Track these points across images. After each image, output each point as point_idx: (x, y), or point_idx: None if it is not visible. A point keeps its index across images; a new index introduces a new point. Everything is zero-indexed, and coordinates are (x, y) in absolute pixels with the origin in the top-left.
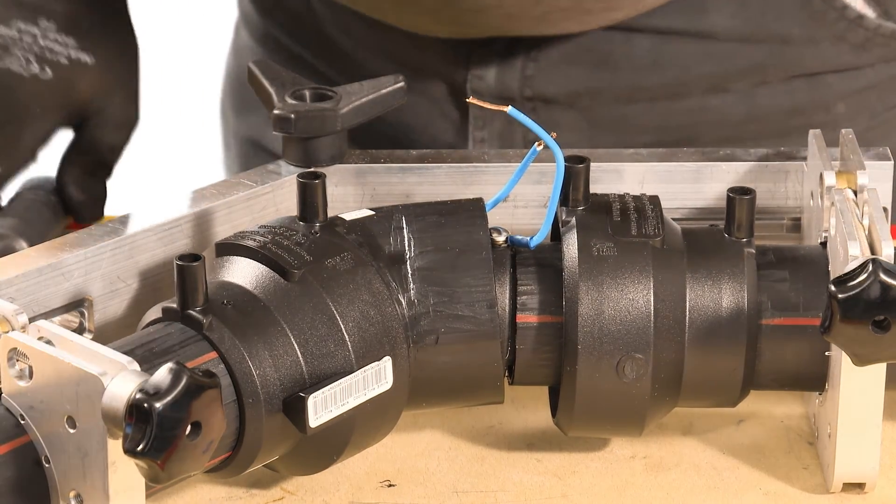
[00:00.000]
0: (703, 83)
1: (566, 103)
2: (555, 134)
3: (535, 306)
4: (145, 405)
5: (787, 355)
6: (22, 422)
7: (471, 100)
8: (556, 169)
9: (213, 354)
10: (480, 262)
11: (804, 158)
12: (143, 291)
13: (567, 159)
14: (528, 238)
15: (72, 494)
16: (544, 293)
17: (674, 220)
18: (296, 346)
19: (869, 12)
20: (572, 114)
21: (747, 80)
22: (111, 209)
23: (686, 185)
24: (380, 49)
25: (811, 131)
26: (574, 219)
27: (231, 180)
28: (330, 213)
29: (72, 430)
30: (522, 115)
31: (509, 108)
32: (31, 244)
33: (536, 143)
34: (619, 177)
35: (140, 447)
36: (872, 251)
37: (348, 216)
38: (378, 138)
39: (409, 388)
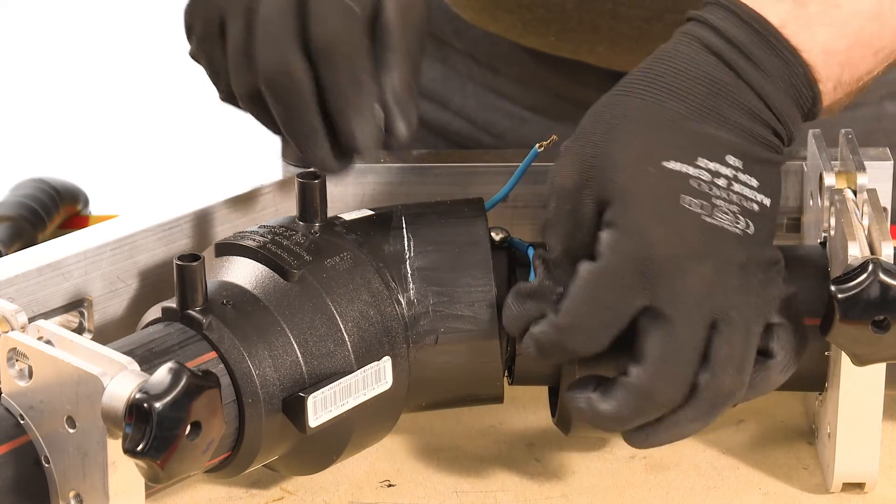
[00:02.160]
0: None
1: None
2: (555, 136)
3: None
4: (145, 405)
5: None
6: (21, 422)
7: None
8: None
9: (213, 354)
10: (480, 261)
11: (804, 158)
12: (142, 291)
13: None
14: (528, 244)
15: (71, 494)
16: None
17: None
18: (295, 346)
19: None
20: None
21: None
22: (111, 209)
23: None
24: (530, 78)
25: (811, 131)
26: None
27: (231, 180)
28: (329, 213)
29: (71, 430)
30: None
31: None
32: (35, 228)
33: (538, 145)
34: None
35: (140, 447)
36: (872, 251)
37: (348, 216)
38: None
39: (409, 388)
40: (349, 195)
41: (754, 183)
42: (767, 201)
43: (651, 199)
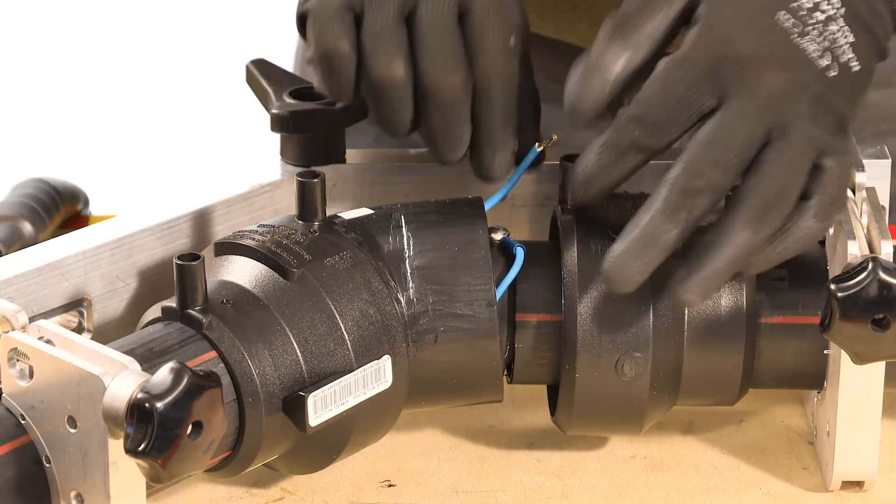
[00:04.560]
0: None
1: None
2: (555, 136)
3: (534, 305)
4: (147, 405)
5: (786, 354)
6: (22, 422)
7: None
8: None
9: (213, 354)
10: (479, 260)
11: None
12: (141, 291)
13: (566, 157)
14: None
15: (72, 494)
16: (543, 292)
17: None
18: (295, 345)
19: None
20: None
21: None
22: (111, 209)
23: None
24: (536, 64)
25: None
26: (573, 217)
27: (229, 179)
28: (328, 212)
29: (72, 430)
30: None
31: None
32: (35, 227)
33: (537, 144)
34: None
35: (141, 447)
36: (871, 250)
37: (347, 215)
38: None
39: (409, 386)
40: (348, 194)
41: (850, 38)
42: (856, 66)
43: (748, 4)
